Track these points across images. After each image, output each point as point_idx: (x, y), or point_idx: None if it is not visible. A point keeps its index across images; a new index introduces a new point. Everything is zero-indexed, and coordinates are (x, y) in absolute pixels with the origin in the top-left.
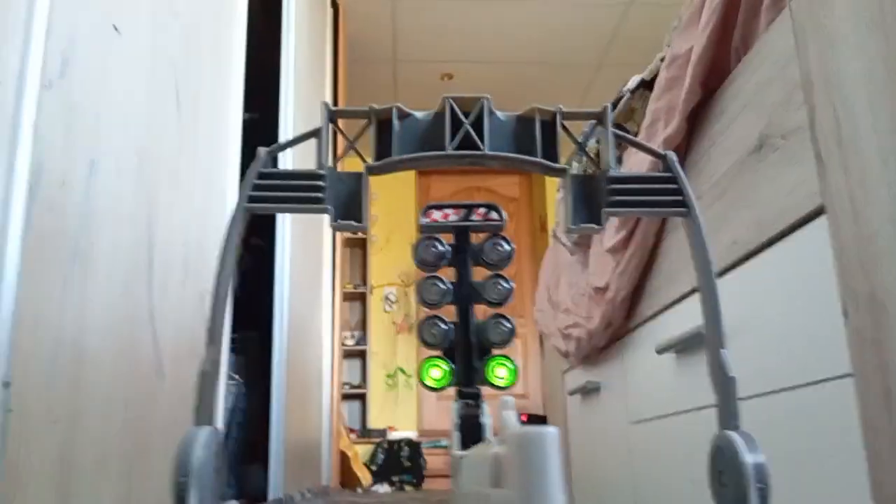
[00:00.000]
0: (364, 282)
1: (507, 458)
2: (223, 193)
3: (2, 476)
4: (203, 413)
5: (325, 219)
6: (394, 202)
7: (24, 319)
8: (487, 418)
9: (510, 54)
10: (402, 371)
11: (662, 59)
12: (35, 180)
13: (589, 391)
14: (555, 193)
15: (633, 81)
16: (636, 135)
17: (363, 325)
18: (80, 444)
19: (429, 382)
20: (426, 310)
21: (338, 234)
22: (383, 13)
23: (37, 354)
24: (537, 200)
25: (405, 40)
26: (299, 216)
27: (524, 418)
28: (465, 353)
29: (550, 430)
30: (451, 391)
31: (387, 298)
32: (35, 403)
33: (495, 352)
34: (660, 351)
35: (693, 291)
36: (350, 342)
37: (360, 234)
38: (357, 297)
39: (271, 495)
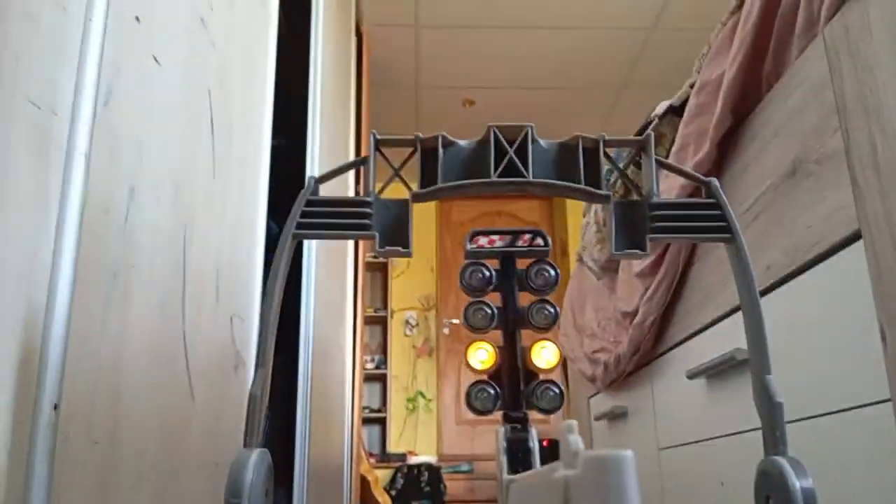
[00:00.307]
0: (385, 306)
1: (579, 482)
2: (253, 218)
3: (49, 497)
4: (252, 435)
5: (350, 242)
6: (414, 226)
7: (72, 343)
8: (535, 443)
9: (532, 79)
10: (422, 395)
11: (692, 86)
12: (83, 207)
13: (616, 416)
14: (575, 218)
15: (662, 107)
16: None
17: (383, 348)
18: (119, 465)
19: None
20: (472, 334)
21: (360, 258)
22: (406, 40)
23: (81, 377)
24: (558, 225)
25: (427, 66)
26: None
27: (546, 443)
28: (512, 377)
29: (627, 454)
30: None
31: (407, 322)
32: (78, 425)
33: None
34: (690, 376)
35: (724, 316)
36: (370, 366)
37: (380, 259)
38: (377, 321)
39: None
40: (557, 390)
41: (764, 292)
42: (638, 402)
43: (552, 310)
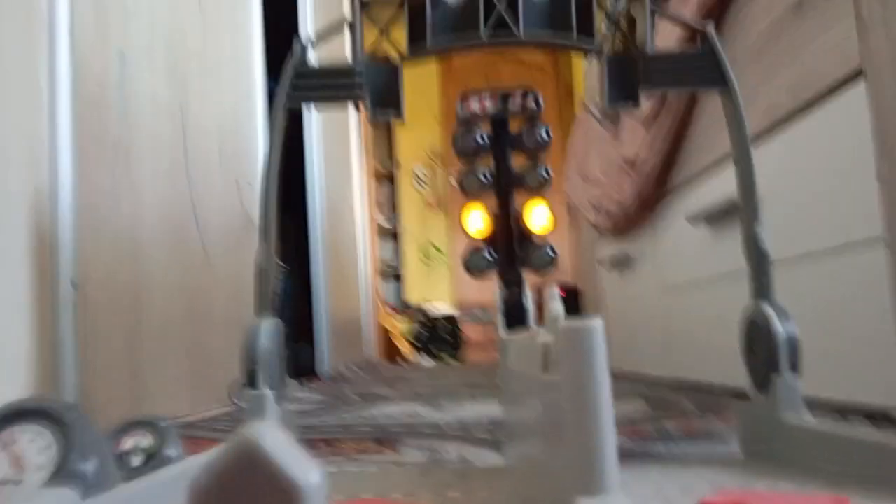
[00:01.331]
0: (392, 161)
1: (555, 348)
2: (250, 79)
3: (78, 368)
4: (263, 304)
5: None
6: (416, 76)
7: (84, 220)
8: (530, 302)
9: None
10: (435, 247)
11: None
12: (74, 79)
13: (621, 260)
14: (582, 61)
15: None
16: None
17: (394, 204)
18: (144, 331)
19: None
20: (467, 198)
21: (362, 113)
22: None
23: (97, 251)
24: (563, 67)
25: None
26: None
27: (562, 294)
28: (507, 240)
29: (596, 323)
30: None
31: (416, 176)
32: (100, 297)
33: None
34: (690, 220)
35: (725, 158)
36: (382, 221)
37: (367, 117)
38: (387, 177)
39: (321, 371)
40: (550, 251)
41: (764, 132)
42: (642, 247)
43: (545, 170)
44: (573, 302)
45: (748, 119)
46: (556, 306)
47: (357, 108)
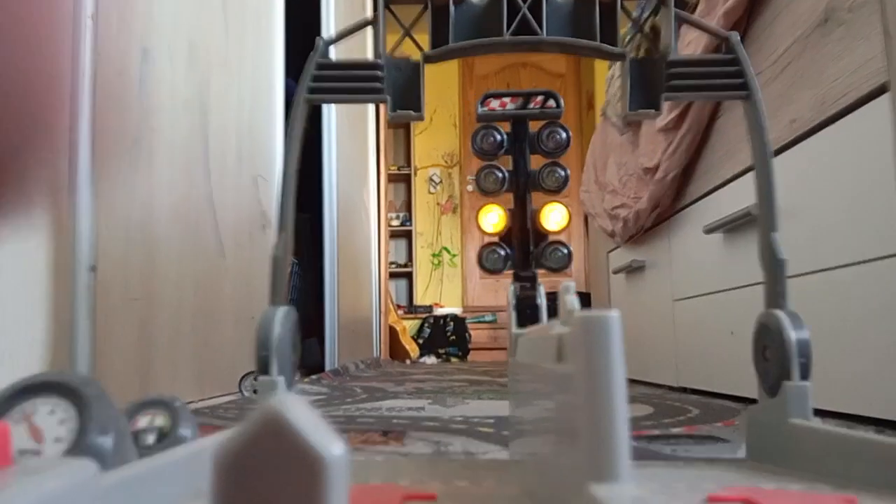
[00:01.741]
0: (408, 163)
1: (570, 338)
2: (270, 77)
3: (93, 353)
4: (277, 294)
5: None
6: (437, 80)
7: (101, 207)
8: (543, 300)
9: None
10: (447, 250)
11: None
12: (95, 71)
13: (634, 270)
14: (603, 69)
15: None
16: (694, 8)
17: (408, 206)
18: (157, 320)
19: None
20: (485, 197)
21: (381, 116)
22: None
23: (114, 240)
24: (585, 76)
25: None
26: None
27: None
28: (523, 239)
29: (613, 314)
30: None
31: (431, 180)
32: (116, 285)
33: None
34: (708, 231)
35: (745, 171)
36: (396, 223)
37: (387, 115)
38: (402, 179)
39: (328, 367)
40: (565, 251)
41: (787, 146)
42: (655, 257)
43: (563, 172)
44: (584, 307)
45: (770, 129)
46: (572, 300)
47: (376, 105)
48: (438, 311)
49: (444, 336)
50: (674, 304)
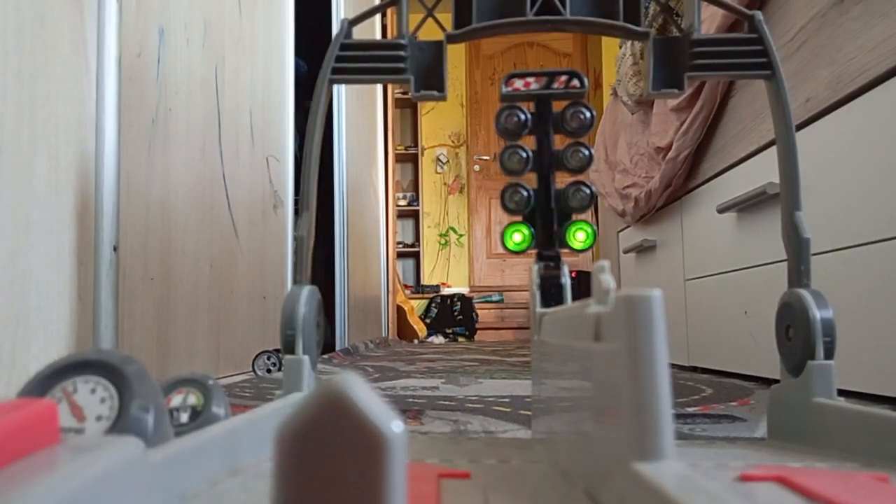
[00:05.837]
0: (415, 143)
1: (611, 318)
2: (282, 58)
3: (116, 329)
4: (302, 273)
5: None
6: None
7: (123, 187)
8: (567, 279)
9: None
10: (454, 230)
11: None
12: (119, 54)
13: (644, 249)
14: (610, 49)
15: None
16: None
17: (415, 186)
18: (175, 299)
19: (510, 246)
20: (508, 178)
21: (389, 95)
22: None
23: (133, 219)
24: (592, 56)
25: None
26: None
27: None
28: (546, 219)
29: (657, 292)
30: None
31: (438, 160)
32: (135, 264)
33: (575, 217)
34: (721, 210)
35: (758, 151)
36: (403, 203)
37: (409, 95)
38: (409, 159)
39: (338, 346)
40: (590, 230)
41: (802, 125)
42: (667, 236)
43: (587, 152)
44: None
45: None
46: (607, 278)
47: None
48: (445, 291)
49: (452, 316)
50: (686, 284)
